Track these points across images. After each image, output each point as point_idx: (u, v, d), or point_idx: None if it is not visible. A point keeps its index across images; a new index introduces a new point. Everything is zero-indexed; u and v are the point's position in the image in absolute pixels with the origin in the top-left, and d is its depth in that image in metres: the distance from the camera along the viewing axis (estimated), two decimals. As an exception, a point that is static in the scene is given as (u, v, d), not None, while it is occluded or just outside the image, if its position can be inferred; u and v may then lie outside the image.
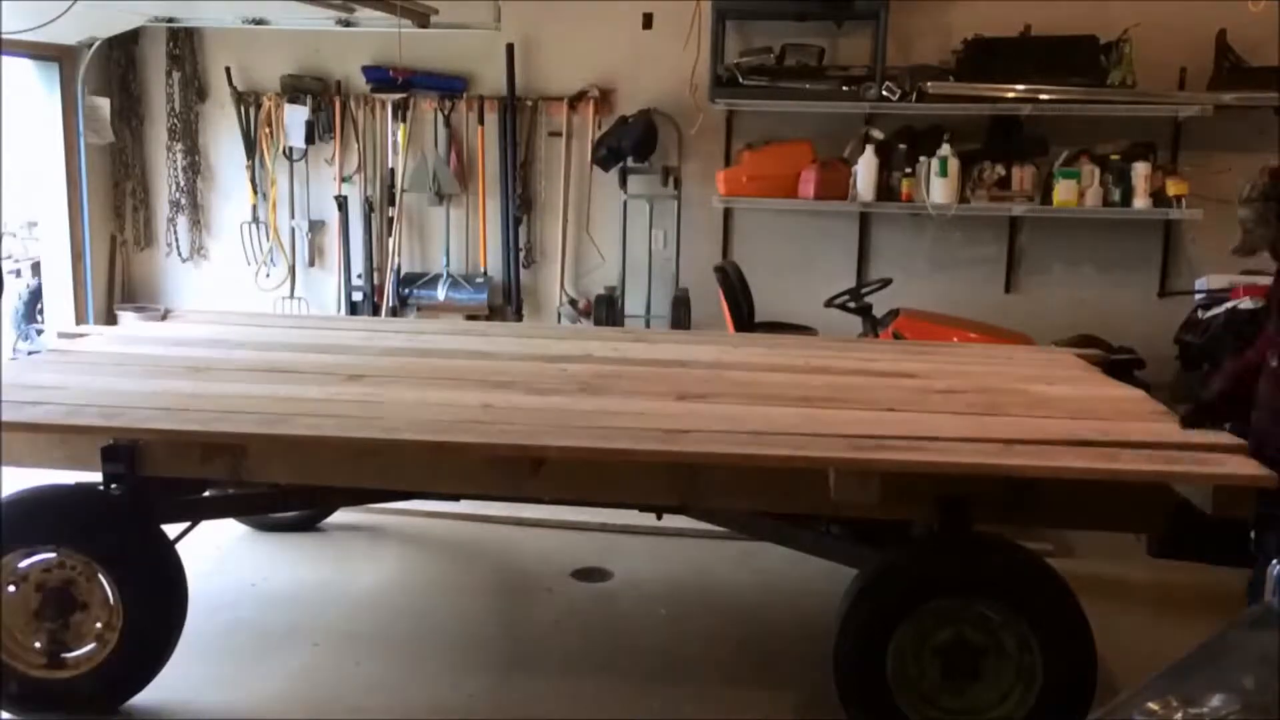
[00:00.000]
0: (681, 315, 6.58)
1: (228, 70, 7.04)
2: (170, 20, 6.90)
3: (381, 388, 3.69)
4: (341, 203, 6.99)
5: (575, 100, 6.75)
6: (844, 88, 6.15)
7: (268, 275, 7.24)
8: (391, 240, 6.99)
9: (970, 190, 6.19)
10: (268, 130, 7.07)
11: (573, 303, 6.86)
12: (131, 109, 7.21)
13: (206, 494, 4.16)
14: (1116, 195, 6.09)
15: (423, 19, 6.44)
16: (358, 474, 3.53)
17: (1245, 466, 2.93)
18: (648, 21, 6.60)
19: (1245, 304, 5.22)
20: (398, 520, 5.22)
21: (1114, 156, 6.09)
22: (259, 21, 6.77)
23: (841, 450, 3.07)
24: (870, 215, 6.58)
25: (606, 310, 6.67)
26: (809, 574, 4.35)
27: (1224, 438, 3.17)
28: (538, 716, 3.60)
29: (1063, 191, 6.09)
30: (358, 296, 7.06)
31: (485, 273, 6.99)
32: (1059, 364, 4.37)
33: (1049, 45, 6.04)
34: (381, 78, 6.86)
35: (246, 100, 7.06)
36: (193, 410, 3.38)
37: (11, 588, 3.42)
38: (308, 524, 5.12)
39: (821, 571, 4.02)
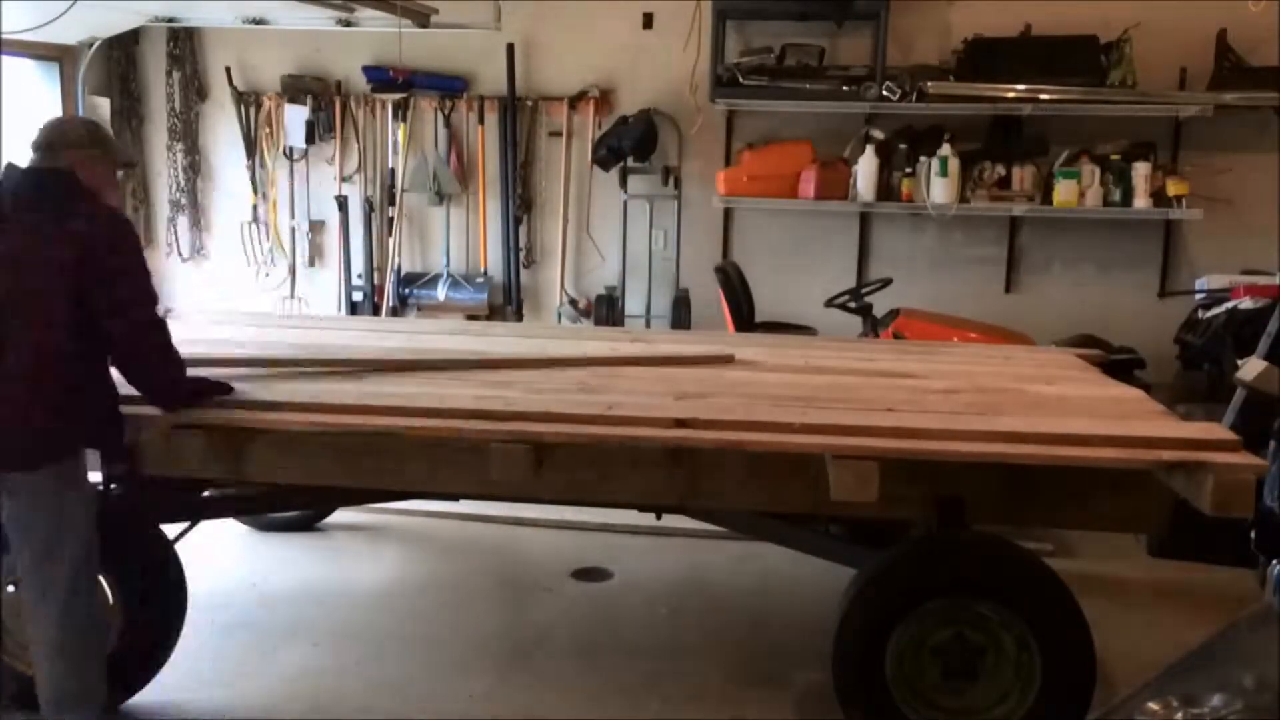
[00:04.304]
0: (681, 315, 6.58)
1: (228, 70, 7.04)
2: (170, 20, 6.91)
3: (381, 386, 3.68)
4: (342, 203, 6.99)
5: (575, 100, 6.76)
6: (844, 88, 6.15)
7: (268, 275, 7.24)
8: (392, 240, 7.00)
9: (970, 190, 6.20)
10: (268, 130, 7.07)
11: (573, 303, 6.87)
12: (131, 109, 7.21)
13: (206, 494, 4.16)
14: (1116, 195, 6.09)
15: (423, 19, 6.45)
16: (358, 474, 3.53)
17: (1245, 459, 2.92)
18: (648, 21, 6.61)
19: (1246, 304, 5.22)
20: (398, 520, 5.23)
21: (1114, 156, 6.09)
22: (259, 21, 6.77)
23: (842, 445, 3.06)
24: (870, 215, 6.58)
25: (606, 310, 6.67)
26: (809, 574, 4.36)
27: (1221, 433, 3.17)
28: (538, 716, 3.60)
29: (1063, 191, 6.09)
30: (358, 296, 7.06)
31: (485, 273, 6.99)
32: (1059, 364, 4.36)
33: (1049, 45, 6.04)
34: (381, 78, 6.86)
35: (246, 100, 7.07)
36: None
37: (11, 588, 3.42)
38: (308, 524, 5.13)
39: (821, 571, 4.02)
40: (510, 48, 6.63)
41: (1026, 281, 6.57)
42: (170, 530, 3.70)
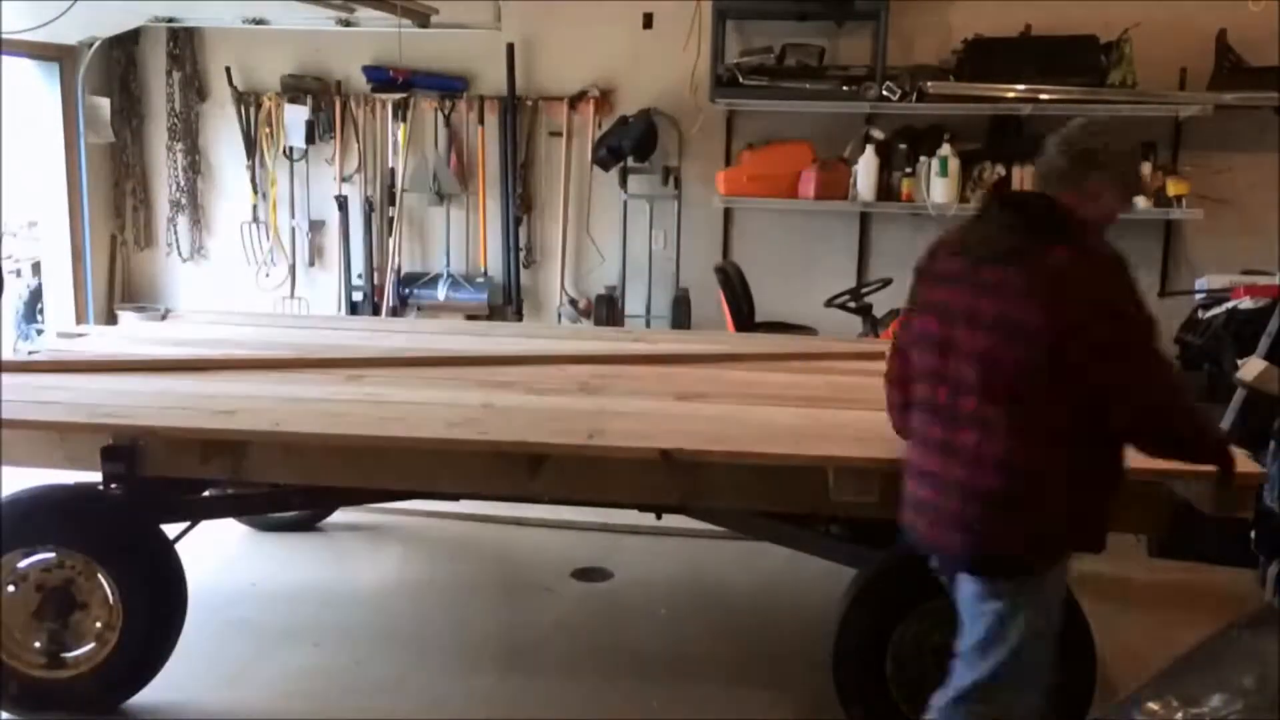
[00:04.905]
0: (681, 315, 6.58)
1: (228, 70, 7.04)
2: (170, 20, 6.90)
3: (382, 387, 3.69)
4: (341, 203, 6.98)
5: (575, 100, 6.75)
6: (844, 88, 6.14)
7: (268, 275, 7.24)
8: (392, 240, 6.99)
9: (970, 190, 6.19)
10: (268, 130, 7.06)
11: (573, 303, 6.86)
12: (131, 109, 7.21)
13: (206, 494, 4.16)
14: (1117, 195, 6.08)
15: (423, 19, 6.44)
16: (358, 474, 3.53)
17: (1244, 465, 2.93)
18: (648, 21, 6.60)
19: (1246, 304, 5.22)
20: (398, 520, 5.22)
21: (1114, 156, 6.08)
22: (259, 21, 6.77)
23: (842, 449, 3.06)
24: (870, 215, 6.57)
25: (606, 310, 6.67)
26: (809, 574, 4.35)
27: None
28: (538, 716, 3.60)
29: (1063, 191, 6.08)
30: (358, 296, 7.06)
31: (485, 273, 6.98)
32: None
33: (1049, 45, 6.04)
34: (381, 78, 6.86)
35: (246, 100, 7.06)
36: (193, 410, 3.39)
37: (11, 588, 3.43)
38: (308, 524, 5.13)
39: (821, 571, 4.02)
40: (510, 48, 6.63)
41: (1026, 281, 6.55)
42: (170, 530, 3.70)
